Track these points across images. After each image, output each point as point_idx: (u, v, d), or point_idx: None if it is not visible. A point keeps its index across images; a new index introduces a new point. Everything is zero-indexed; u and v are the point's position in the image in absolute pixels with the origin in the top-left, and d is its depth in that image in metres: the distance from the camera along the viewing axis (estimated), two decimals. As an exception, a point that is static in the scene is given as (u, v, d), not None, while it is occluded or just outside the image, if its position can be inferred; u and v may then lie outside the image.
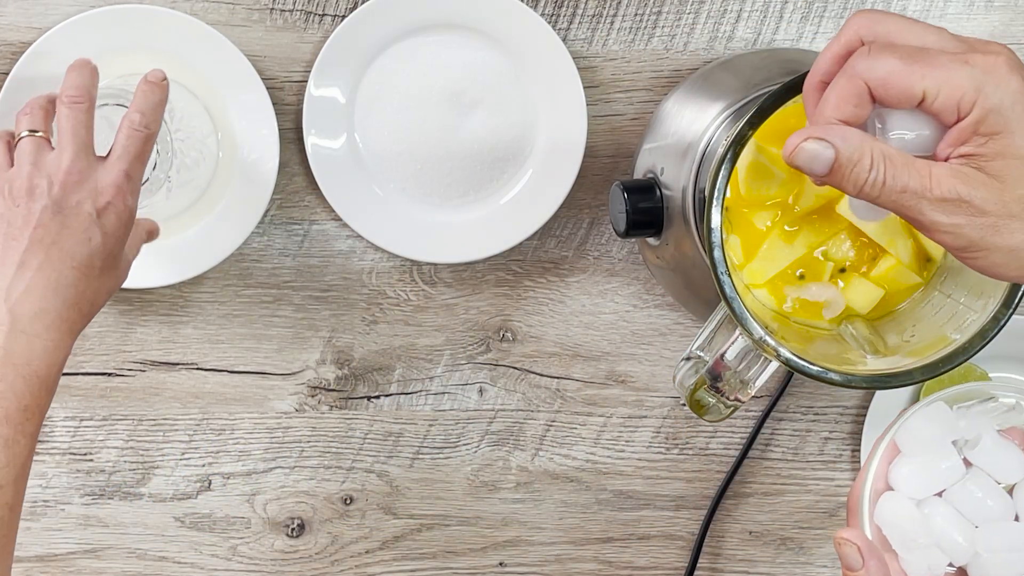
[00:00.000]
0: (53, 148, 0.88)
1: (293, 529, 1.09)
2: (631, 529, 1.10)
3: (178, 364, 1.06)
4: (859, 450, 1.09)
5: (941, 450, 0.83)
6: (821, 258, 0.87)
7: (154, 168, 0.97)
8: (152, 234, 0.98)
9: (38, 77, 1.00)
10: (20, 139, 0.89)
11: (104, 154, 0.89)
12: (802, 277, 0.87)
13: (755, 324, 0.81)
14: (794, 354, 0.81)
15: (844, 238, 0.87)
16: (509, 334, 1.08)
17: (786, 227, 0.87)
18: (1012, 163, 0.70)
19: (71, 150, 0.87)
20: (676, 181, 0.93)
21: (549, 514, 1.10)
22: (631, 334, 1.08)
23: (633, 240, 1.05)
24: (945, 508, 0.82)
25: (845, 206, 0.85)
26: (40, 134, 0.89)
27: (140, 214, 0.92)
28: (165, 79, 0.91)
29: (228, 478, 1.08)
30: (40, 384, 0.83)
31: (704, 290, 0.94)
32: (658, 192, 0.95)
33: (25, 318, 0.84)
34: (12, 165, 0.88)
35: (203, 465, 1.08)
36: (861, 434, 1.09)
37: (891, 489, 0.83)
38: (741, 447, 1.10)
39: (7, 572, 0.82)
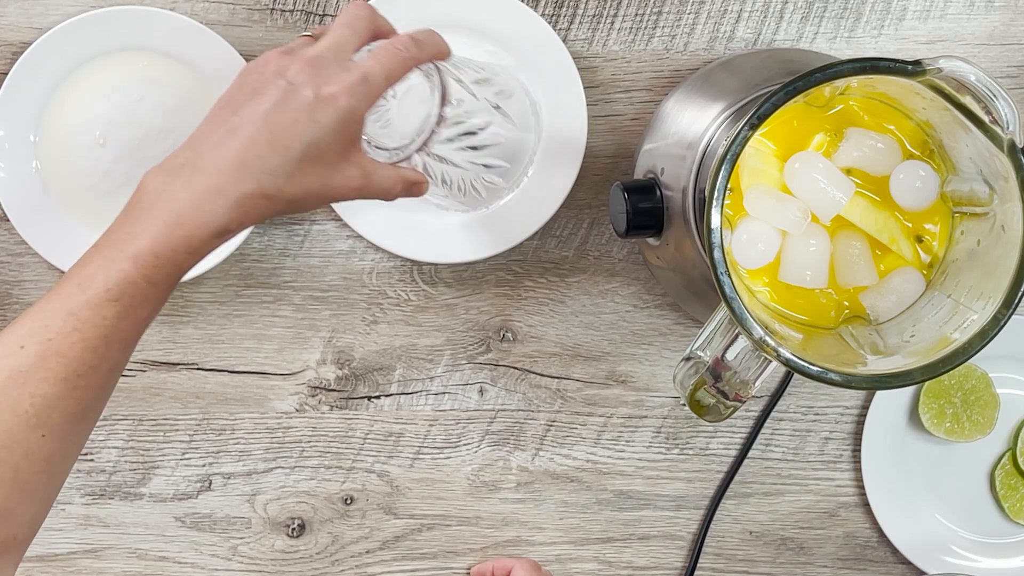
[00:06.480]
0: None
1: (293, 529, 1.09)
2: (631, 529, 1.10)
3: (178, 364, 1.06)
4: (859, 450, 1.09)
5: None
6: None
7: (438, 123, 0.90)
8: (413, 188, 0.89)
9: (38, 77, 1.00)
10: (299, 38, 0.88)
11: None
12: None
13: (755, 324, 0.81)
14: (794, 354, 0.81)
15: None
16: (509, 334, 1.08)
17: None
18: None
19: (325, 43, 0.85)
20: (676, 181, 0.93)
21: (549, 514, 1.10)
22: (631, 334, 1.08)
23: (633, 240, 1.05)
24: None
25: (895, 188, 0.88)
26: (310, 35, 0.87)
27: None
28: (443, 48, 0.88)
29: (228, 478, 1.08)
30: (183, 243, 0.80)
31: (704, 290, 0.94)
32: (658, 192, 0.95)
33: (204, 177, 0.80)
34: None
35: (203, 465, 1.08)
36: (861, 434, 1.09)
37: None
38: (741, 447, 1.10)
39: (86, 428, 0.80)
